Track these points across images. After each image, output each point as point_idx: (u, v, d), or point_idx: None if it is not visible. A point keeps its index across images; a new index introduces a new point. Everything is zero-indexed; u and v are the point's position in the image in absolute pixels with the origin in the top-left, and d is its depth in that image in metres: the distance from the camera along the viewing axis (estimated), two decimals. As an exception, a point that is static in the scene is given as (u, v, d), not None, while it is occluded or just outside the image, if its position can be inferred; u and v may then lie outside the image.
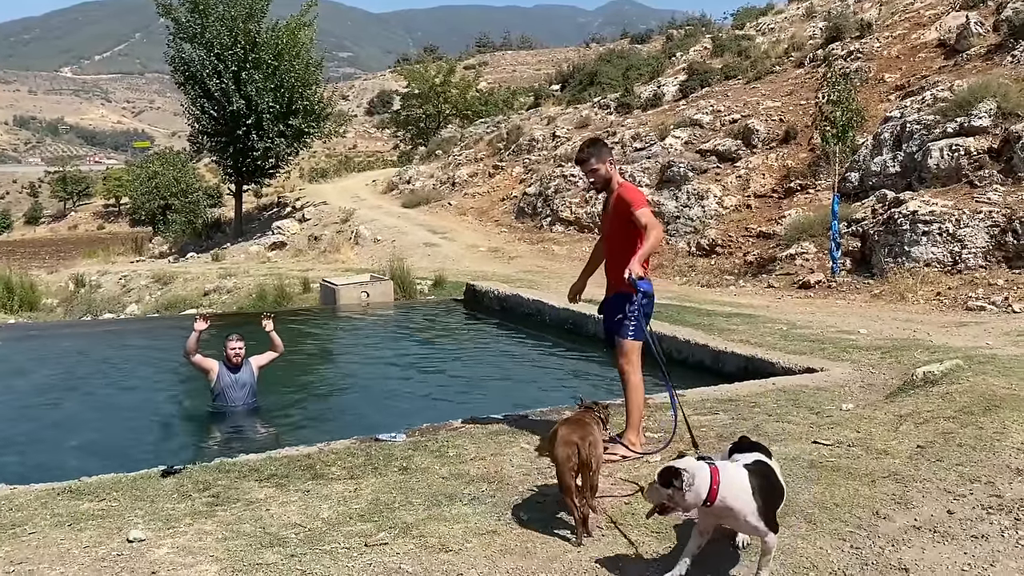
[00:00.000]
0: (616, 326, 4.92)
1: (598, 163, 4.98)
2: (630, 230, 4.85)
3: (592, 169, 4.98)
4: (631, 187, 5.07)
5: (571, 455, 3.59)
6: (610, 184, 5.02)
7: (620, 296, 4.89)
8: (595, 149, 5.07)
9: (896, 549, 3.24)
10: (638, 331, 4.87)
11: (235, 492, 4.28)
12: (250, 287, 16.73)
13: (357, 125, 69.42)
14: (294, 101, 27.53)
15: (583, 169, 5.07)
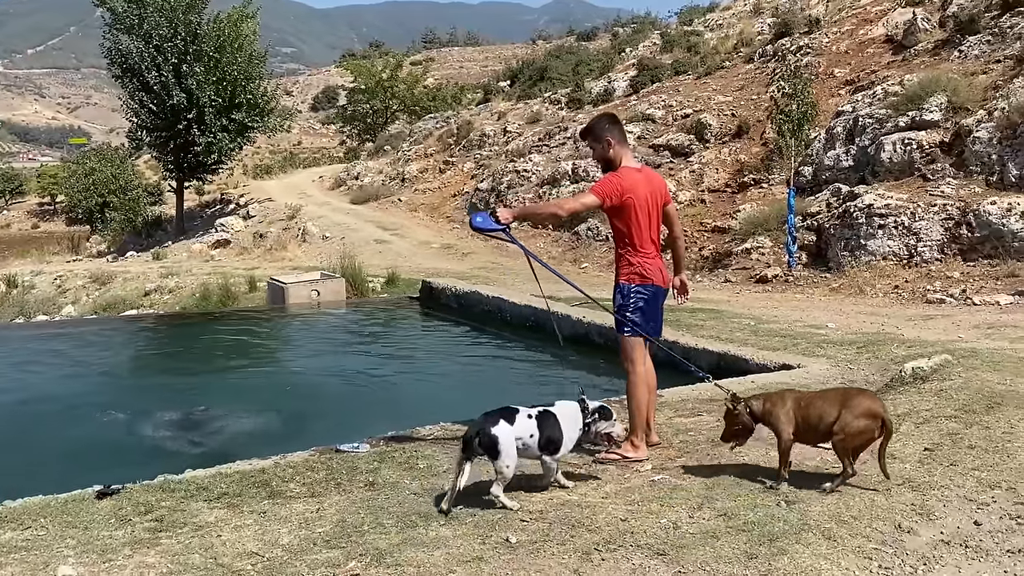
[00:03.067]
0: (616, 322, 4.66)
1: (593, 143, 4.66)
2: (615, 224, 4.59)
3: (590, 147, 4.70)
4: (616, 175, 4.58)
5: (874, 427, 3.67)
6: (612, 166, 4.63)
7: (615, 291, 4.65)
8: (592, 131, 4.70)
9: (929, 569, 2.95)
10: (635, 326, 4.56)
11: (181, 515, 3.81)
12: (193, 286, 16.07)
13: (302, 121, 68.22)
14: (237, 95, 26.76)
15: (588, 145, 4.76)
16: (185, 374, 9.39)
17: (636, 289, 4.58)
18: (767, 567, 3.01)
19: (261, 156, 50.15)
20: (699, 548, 3.19)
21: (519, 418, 3.87)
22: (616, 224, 4.56)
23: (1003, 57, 14.97)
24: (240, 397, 7.95)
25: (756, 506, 3.56)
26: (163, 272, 18.29)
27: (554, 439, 3.88)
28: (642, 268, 4.60)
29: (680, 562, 3.08)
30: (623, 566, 3.10)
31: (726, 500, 3.65)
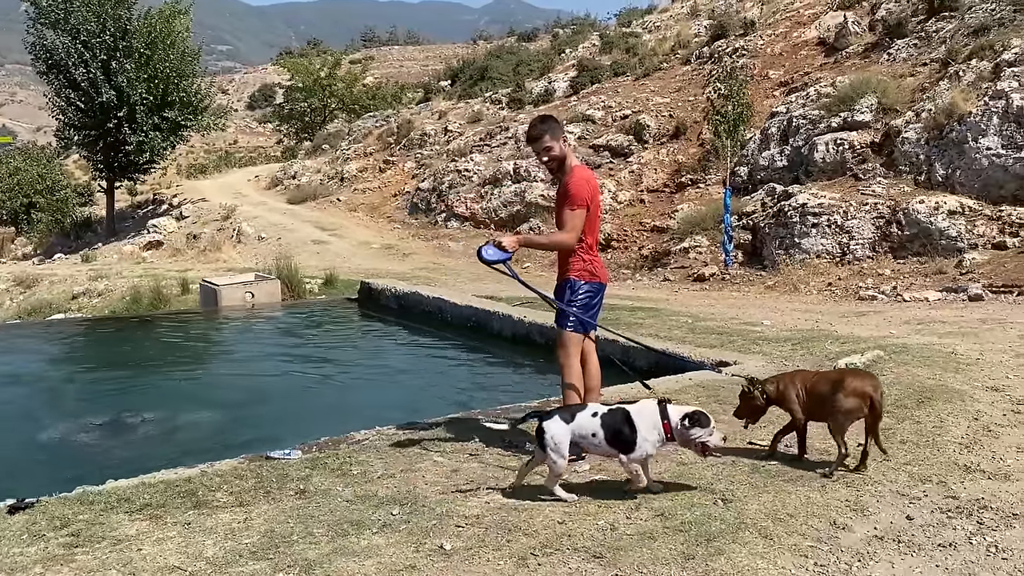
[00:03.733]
0: (558, 316, 4.66)
1: (552, 140, 4.56)
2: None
3: (546, 147, 4.56)
4: (580, 178, 4.60)
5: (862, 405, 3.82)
6: (564, 165, 4.61)
7: (562, 286, 4.67)
8: (547, 126, 4.64)
9: (864, 565, 2.95)
10: (577, 323, 4.58)
11: (100, 529, 3.63)
12: (124, 289, 15.58)
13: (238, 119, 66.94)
14: (169, 93, 26.08)
15: (535, 148, 4.63)
16: (112, 380, 9.06)
17: (586, 286, 4.63)
18: (704, 567, 2.98)
19: (195, 155, 49.04)
20: (636, 550, 3.15)
21: (581, 415, 3.85)
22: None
23: (929, 60, 15.42)
24: (168, 403, 7.69)
25: (693, 505, 3.54)
26: (92, 275, 17.71)
27: (623, 438, 3.74)
28: (592, 266, 4.69)
29: (617, 564, 3.04)
30: (560, 570, 3.04)
31: (663, 499, 3.62)
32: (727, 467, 3.97)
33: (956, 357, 5.98)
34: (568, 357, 4.58)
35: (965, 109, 12.76)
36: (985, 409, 4.58)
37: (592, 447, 3.84)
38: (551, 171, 4.72)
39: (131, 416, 7.27)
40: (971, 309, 9.00)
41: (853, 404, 3.81)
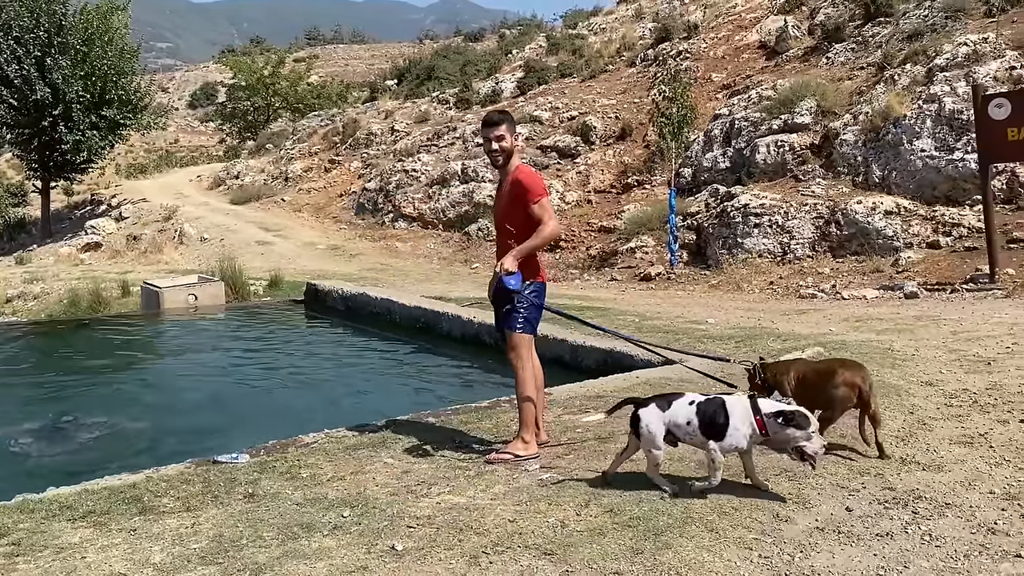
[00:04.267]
0: (505, 318, 4.57)
1: (507, 132, 4.56)
2: (525, 218, 4.51)
3: (498, 136, 4.54)
4: (531, 173, 4.66)
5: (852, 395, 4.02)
6: (509, 162, 4.60)
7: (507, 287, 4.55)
8: (506, 117, 4.65)
9: (806, 555, 3.04)
10: (527, 324, 4.55)
11: (42, 537, 3.55)
12: (61, 292, 15.17)
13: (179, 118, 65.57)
14: (108, 90, 25.46)
15: (489, 134, 4.58)
16: (51, 385, 8.82)
17: (533, 285, 4.59)
18: (652, 561, 3.04)
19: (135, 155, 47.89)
20: (586, 546, 3.20)
21: (677, 404, 3.81)
22: (522, 219, 4.53)
23: (866, 64, 15.86)
24: (110, 408, 7.51)
25: (641, 501, 3.60)
26: (27, 277, 17.21)
27: (717, 425, 3.70)
28: (539, 266, 4.69)
29: (567, 561, 3.08)
30: (511, 568, 3.07)
31: (612, 496, 3.68)
32: (674, 463, 4.05)
33: (892, 353, 6.17)
34: (522, 360, 4.52)
35: (900, 112, 13.15)
36: (920, 403, 4.75)
37: (686, 436, 3.79)
38: (495, 164, 4.68)
39: (71, 422, 7.10)
40: (907, 306, 9.27)
41: (843, 393, 4.02)
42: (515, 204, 4.54)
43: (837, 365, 4.24)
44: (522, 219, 4.52)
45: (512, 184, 4.57)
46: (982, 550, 3.02)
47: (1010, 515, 3.29)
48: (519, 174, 4.59)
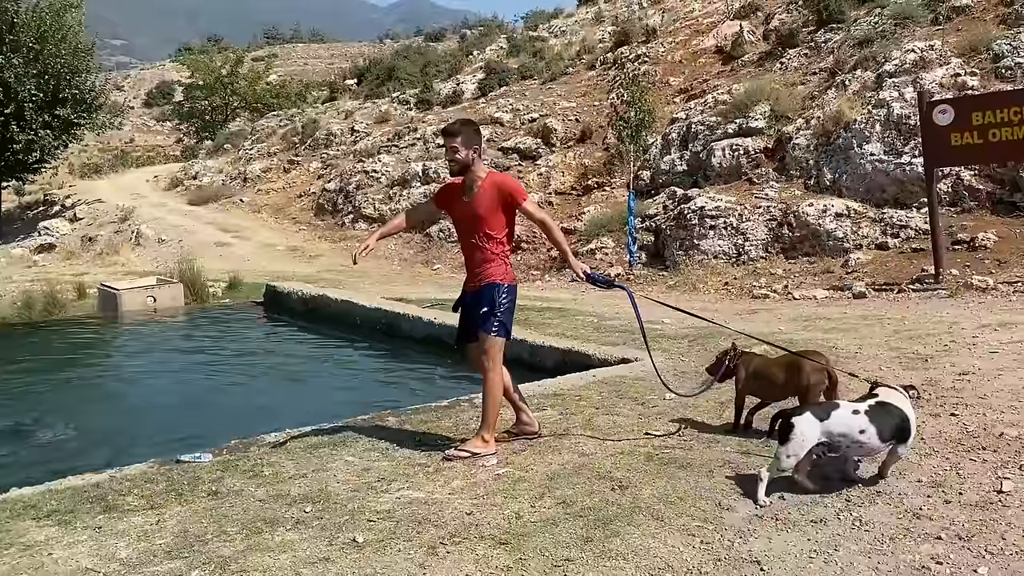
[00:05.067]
0: (482, 321, 4.66)
1: (462, 146, 4.65)
2: (506, 222, 4.67)
3: (452, 147, 4.65)
4: (507, 177, 4.85)
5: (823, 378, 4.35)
6: (468, 171, 4.70)
7: (487, 289, 4.66)
8: (466, 129, 4.76)
9: (744, 540, 3.24)
10: (502, 328, 4.67)
11: (7, 536, 3.62)
12: (14, 294, 14.93)
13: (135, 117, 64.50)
14: (61, 89, 25.07)
15: (445, 143, 4.70)
16: (7, 388, 8.76)
17: (509, 289, 4.71)
18: (601, 548, 3.22)
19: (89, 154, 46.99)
20: (539, 535, 3.36)
21: (837, 413, 3.72)
22: (500, 224, 4.66)
23: (818, 69, 16.23)
24: (69, 411, 7.51)
25: (592, 492, 3.78)
26: (-22, 279, 16.93)
27: (903, 428, 3.71)
28: (511, 269, 4.82)
29: (521, 549, 3.24)
30: (467, 557, 3.23)
31: (566, 488, 3.85)
32: (625, 456, 4.23)
33: (836, 351, 6.43)
34: (494, 363, 4.61)
35: (851, 117, 13.49)
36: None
37: (853, 447, 3.73)
38: (452, 173, 4.79)
39: (30, 424, 7.09)
40: (854, 306, 9.57)
41: (818, 378, 4.37)
42: (498, 208, 4.64)
43: (802, 354, 4.61)
44: (504, 222, 4.67)
45: (493, 190, 4.65)
46: (907, 533, 3.25)
47: (935, 501, 3.52)
48: (496, 179, 4.73)
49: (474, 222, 4.71)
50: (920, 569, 2.93)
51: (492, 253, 4.68)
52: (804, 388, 4.38)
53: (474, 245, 4.74)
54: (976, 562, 2.96)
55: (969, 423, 4.48)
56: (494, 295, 4.64)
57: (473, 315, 4.75)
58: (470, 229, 4.75)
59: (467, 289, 4.87)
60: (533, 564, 3.11)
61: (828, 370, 4.43)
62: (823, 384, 4.40)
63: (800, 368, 4.46)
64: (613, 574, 3.02)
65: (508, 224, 4.71)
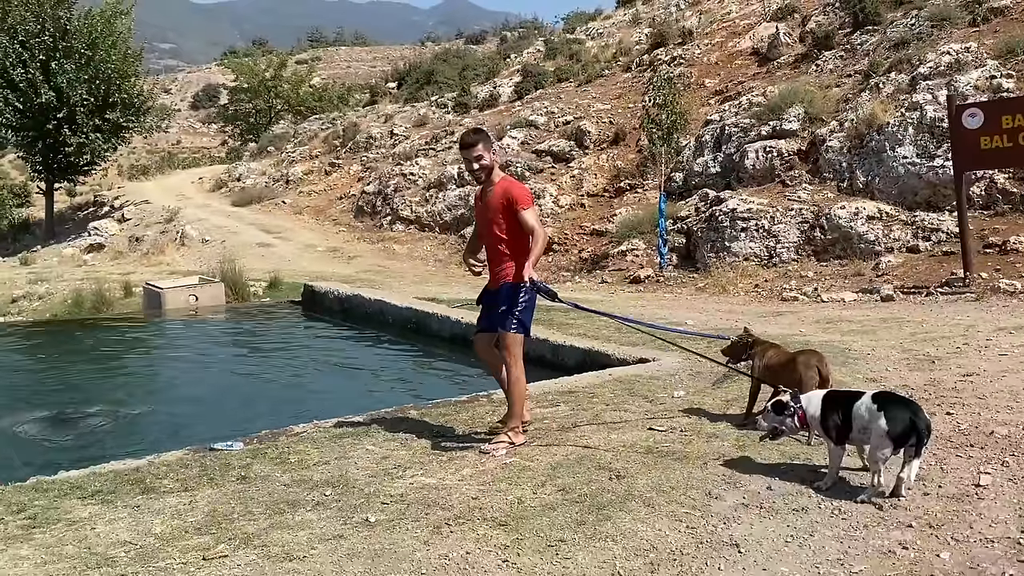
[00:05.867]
0: (500, 319, 4.90)
1: (484, 150, 4.91)
2: (512, 225, 4.88)
3: (477, 155, 4.90)
4: (517, 183, 5.08)
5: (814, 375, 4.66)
6: (491, 175, 4.97)
7: (504, 289, 4.90)
8: (480, 136, 5.02)
9: (728, 526, 3.46)
10: (520, 325, 4.89)
11: (55, 512, 3.97)
12: (65, 292, 15.56)
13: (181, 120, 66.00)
14: (111, 94, 25.93)
15: (468, 155, 4.94)
16: (58, 381, 9.24)
17: (525, 288, 4.90)
18: (592, 531, 3.46)
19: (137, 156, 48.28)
20: (537, 518, 3.62)
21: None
22: (511, 226, 4.89)
23: (853, 72, 16.21)
24: (114, 401, 7.95)
25: (591, 481, 4.02)
26: (32, 278, 17.59)
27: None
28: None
29: (519, 531, 3.51)
30: (468, 536, 3.50)
31: (567, 477, 4.10)
32: (626, 449, 4.45)
33: (848, 352, 6.57)
34: (516, 359, 4.85)
35: (884, 119, 13.49)
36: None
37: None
38: (478, 180, 5.05)
39: (77, 413, 7.52)
40: (879, 309, 9.64)
41: (809, 375, 4.66)
42: (506, 211, 4.89)
43: (799, 353, 4.94)
44: (511, 224, 4.90)
45: (501, 193, 4.92)
46: (880, 521, 3.43)
47: (914, 493, 3.69)
48: (506, 183, 4.98)
49: (489, 223, 4.99)
50: (886, 553, 3.12)
51: (505, 254, 4.93)
52: (796, 383, 4.60)
53: (492, 245, 5.01)
54: (940, 547, 3.14)
55: (963, 421, 4.63)
56: (511, 294, 4.88)
57: (493, 312, 5.00)
58: (487, 230, 5.03)
59: (488, 287, 5.13)
60: (528, 543, 3.36)
61: (820, 368, 4.70)
62: (814, 381, 4.65)
63: (795, 362, 4.78)
64: (601, 553, 3.27)
65: (516, 227, 4.90)
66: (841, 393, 4.06)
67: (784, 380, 4.66)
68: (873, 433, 3.65)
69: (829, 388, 4.57)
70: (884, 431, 3.60)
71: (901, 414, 3.63)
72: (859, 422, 3.72)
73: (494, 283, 5.03)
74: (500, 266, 4.97)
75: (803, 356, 4.85)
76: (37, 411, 7.56)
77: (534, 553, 3.29)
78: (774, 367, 4.89)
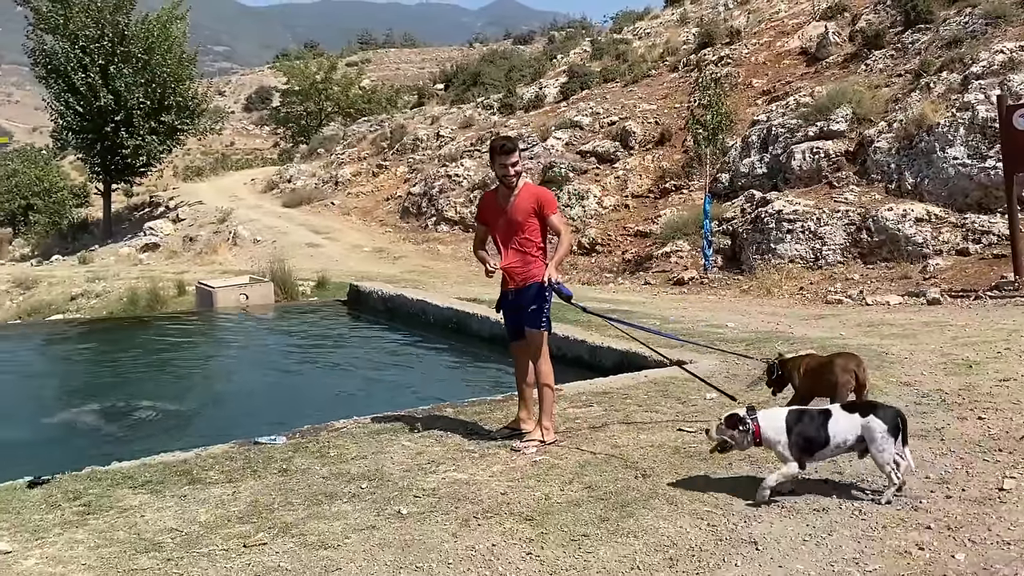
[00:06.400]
0: (530, 318, 5.09)
1: (519, 157, 5.18)
2: (540, 228, 5.10)
3: (514, 162, 5.11)
4: (543, 188, 5.38)
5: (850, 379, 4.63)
6: (518, 181, 5.17)
7: (531, 289, 5.07)
8: (515, 144, 5.28)
9: (748, 525, 3.53)
10: (548, 322, 5.11)
11: (108, 500, 4.20)
12: (121, 291, 16.08)
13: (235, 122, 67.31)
14: (167, 97, 26.65)
15: (506, 160, 5.11)
16: (113, 375, 9.61)
17: (549, 288, 5.08)
18: (615, 527, 3.57)
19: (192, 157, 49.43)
20: (562, 514, 3.74)
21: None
22: (536, 229, 5.13)
23: (904, 71, 15.96)
24: (165, 396, 8.25)
25: (617, 479, 4.12)
26: (90, 276, 18.20)
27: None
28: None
29: (544, 526, 3.63)
30: (495, 529, 3.64)
31: (593, 475, 4.21)
32: (654, 449, 4.54)
33: (885, 356, 6.54)
34: (545, 356, 5.08)
35: (934, 120, 13.28)
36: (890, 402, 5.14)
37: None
38: (509, 185, 5.20)
39: (130, 406, 7.84)
40: (924, 312, 9.53)
41: (845, 379, 4.63)
42: (533, 214, 5.11)
43: (836, 356, 4.94)
44: (540, 227, 5.14)
45: (529, 198, 5.14)
46: (900, 523, 3.48)
47: (936, 496, 3.72)
48: (533, 189, 5.24)
49: (515, 226, 5.15)
50: (902, 553, 3.17)
51: (531, 255, 5.12)
52: (832, 386, 4.63)
53: (517, 248, 5.15)
54: (956, 549, 3.17)
55: (993, 426, 4.62)
56: (539, 294, 5.06)
57: (519, 313, 5.15)
58: (510, 232, 5.18)
59: (507, 290, 5.27)
60: (552, 537, 3.49)
61: (856, 372, 4.69)
62: (850, 384, 4.65)
63: (831, 367, 4.77)
64: (622, 548, 3.37)
65: (543, 229, 5.15)
66: (805, 410, 4.07)
67: (821, 383, 4.69)
68: (875, 436, 3.73)
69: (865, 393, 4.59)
70: (884, 429, 3.72)
71: (887, 411, 3.83)
72: (840, 436, 3.80)
73: (516, 284, 5.18)
74: (527, 267, 5.13)
75: (841, 359, 4.84)
76: (92, 404, 7.91)
77: (557, 547, 3.41)
78: (812, 371, 4.90)
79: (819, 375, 4.82)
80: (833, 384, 4.63)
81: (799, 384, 4.94)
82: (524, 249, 5.12)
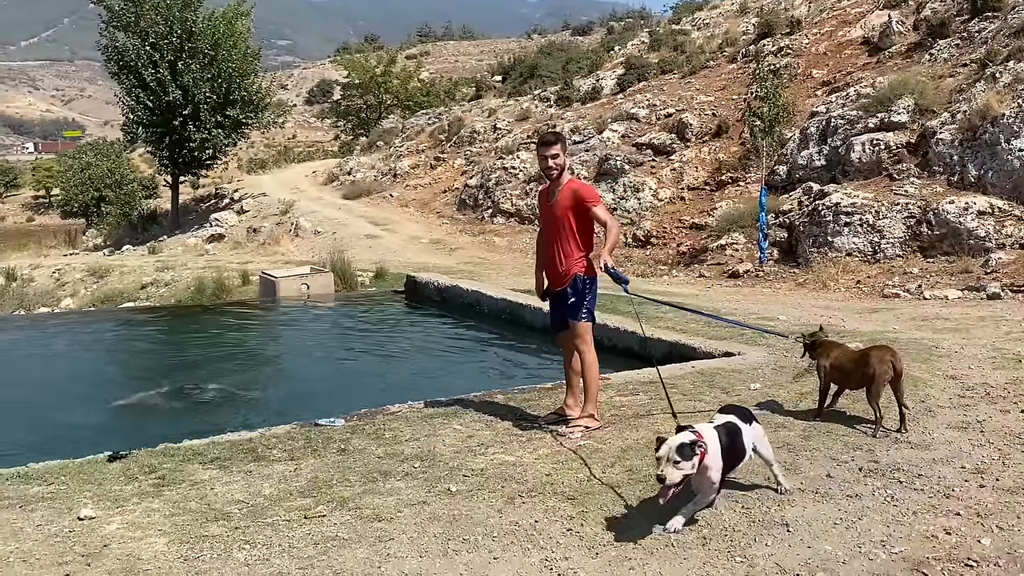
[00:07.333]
0: (571, 311, 5.27)
1: (560, 151, 5.28)
2: (582, 223, 5.21)
3: (554, 154, 5.25)
4: (584, 183, 5.48)
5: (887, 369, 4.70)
6: (561, 175, 5.31)
7: (573, 282, 5.25)
8: (560, 138, 5.42)
9: (781, 508, 3.67)
10: (590, 314, 5.28)
11: (180, 474, 4.52)
12: (188, 280, 16.66)
13: (297, 115, 68.61)
14: (232, 91, 27.35)
15: (546, 152, 5.27)
16: (182, 360, 10.08)
17: (591, 280, 5.27)
18: (653, 507, 3.72)
19: (255, 150, 50.59)
20: (602, 494, 3.93)
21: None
22: (584, 224, 5.26)
23: (969, 61, 15.61)
24: (232, 380, 8.65)
25: (656, 464, 4.26)
26: (159, 266, 18.84)
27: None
28: (590, 263, 5.34)
29: (584, 504, 3.83)
30: (538, 507, 3.85)
31: (635, 459, 4.38)
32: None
33: (935, 350, 6.55)
34: (587, 345, 5.24)
35: (999, 111, 13.00)
36: (935, 394, 5.21)
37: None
38: (550, 177, 5.39)
39: (199, 389, 8.26)
40: (981, 307, 9.41)
41: (882, 369, 4.67)
42: (575, 209, 5.24)
43: (871, 349, 4.99)
44: (581, 222, 5.26)
45: (571, 192, 5.27)
46: (930, 509, 3.57)
47: (970, 485, 3.80)
48: (575, 184, 5.34)
49: (558, 221, 5.31)
50: (929, 537, 3.27)
51: (570, 248, 5.27)
52: (870, 378, 4.69)
53: (560, 242, 5.32)
54: (983, 534, 3.26)
55: (1037, 420, 4.64)
56: (580, 287, 5.24)
57: (562, 306, 5.33)
58: (554, 227, 5.36)
59: (551, 285, 5.46)
60: (592, 515, 3.68)
61: (893, 363, 4.74)
62: (888, 375, 4.71)
63: (869, 359, 4.81)
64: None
65: (590, 224, 5.26)
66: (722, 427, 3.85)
67: (856, 377, 4.77)
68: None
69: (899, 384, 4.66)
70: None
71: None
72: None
73: (561, 280, 5.33)
74: (570, 260, 5.28)
75: (876, 351, 4.88)
76: (163, 386, 8.34)
77: (596, 524, 3.61)
78: (843, 365, 4.94)
79: (850, 369, 4.87)
80: (872, 376, 4.69)
81: (824, 375, 5.02)
82: (566, 244, 5.26)
